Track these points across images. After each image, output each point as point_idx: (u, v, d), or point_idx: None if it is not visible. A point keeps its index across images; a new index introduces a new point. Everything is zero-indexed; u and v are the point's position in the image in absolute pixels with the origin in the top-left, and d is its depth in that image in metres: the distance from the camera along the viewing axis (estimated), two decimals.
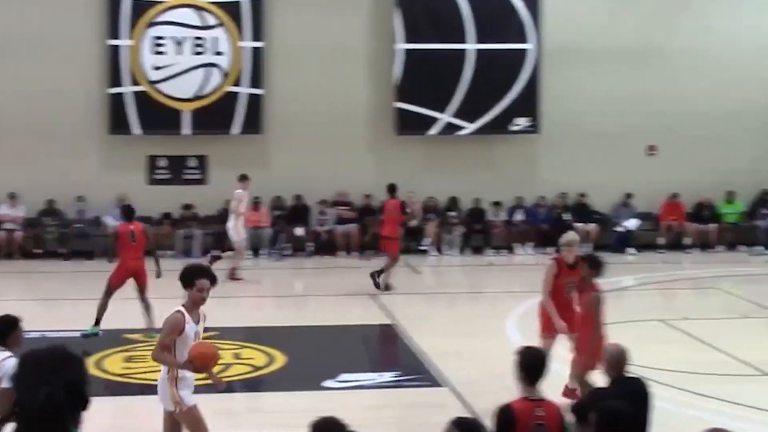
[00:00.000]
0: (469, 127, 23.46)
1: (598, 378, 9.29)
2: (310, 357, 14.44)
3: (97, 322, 14.66)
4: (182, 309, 8.60)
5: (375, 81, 23.55)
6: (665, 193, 23.81)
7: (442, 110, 23.37)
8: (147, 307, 14.56)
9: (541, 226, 23.50)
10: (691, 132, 24.00)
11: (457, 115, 23.39)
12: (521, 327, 15.91)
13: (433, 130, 23.45)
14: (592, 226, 23.45)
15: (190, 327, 8.54)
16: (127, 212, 15.60)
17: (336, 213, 22.94)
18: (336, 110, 23.14)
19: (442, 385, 12.70)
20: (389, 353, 14.92)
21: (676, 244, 23.87)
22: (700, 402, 11.36)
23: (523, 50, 23.42)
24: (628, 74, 23.80)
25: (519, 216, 23.77)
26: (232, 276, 19.43)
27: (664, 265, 22.36)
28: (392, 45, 23.17)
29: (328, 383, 12.72)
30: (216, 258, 19.24)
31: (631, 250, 23.41)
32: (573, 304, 11.36)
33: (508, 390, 6.96)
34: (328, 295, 18.61)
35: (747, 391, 12.10)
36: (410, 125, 23.40)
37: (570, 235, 11.74)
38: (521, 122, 23.56)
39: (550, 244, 22.93)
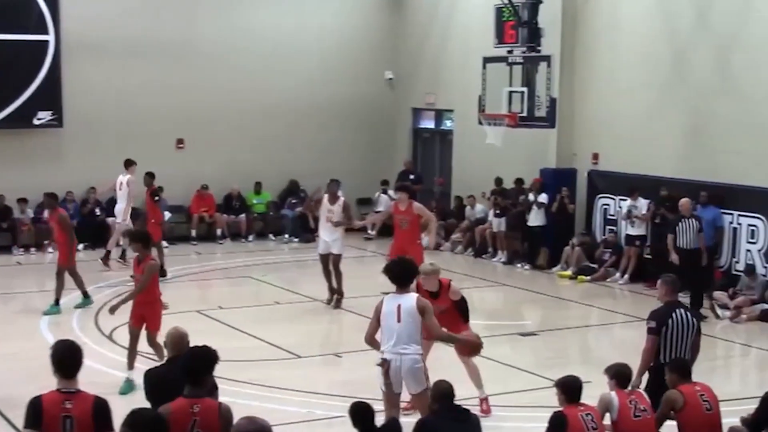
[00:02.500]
0: None
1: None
2: None
3: None
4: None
5: None
6: (196, 186, 24.11)
7: None
8: None
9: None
10: (219, 124, 24.48)
11: None
12: (55, 325, 15.45)
13: None
14: None
15: None
16: None
17: None
18: None
19: None
20: None
21: (208, 236, 24.27)
22: (236, 388, 11.56)
23: (43, 42, 22.64)
24: (156, 67, 23.78)
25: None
26: (106, 259, 20.25)
27: (198, 256, 22.68)
28: None
29: None
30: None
31: (165, 243, 23.41)
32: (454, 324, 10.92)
33: (47, 390, 6.74)
34: None
35: (280, 374, 12.55)
36: None
37: (428, 265, 11.16)
38: (44, 116, 22.82)
39: (81, 240, 22.46)
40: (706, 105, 19.13)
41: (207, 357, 7.02)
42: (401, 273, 9.35)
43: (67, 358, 6.71)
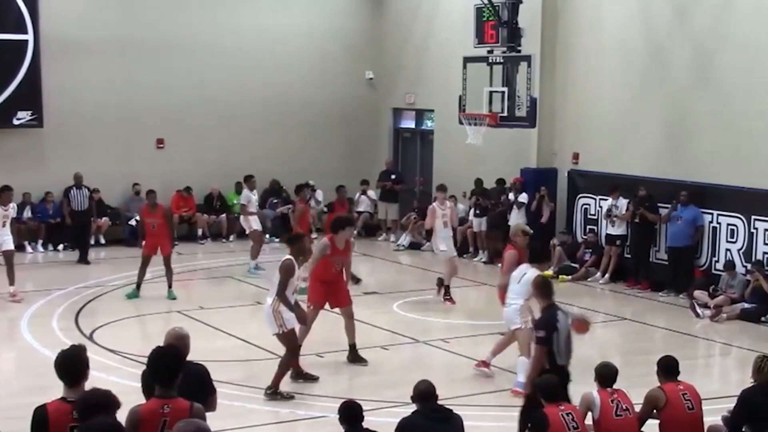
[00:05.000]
0: None
1: None
2: None
3: None
4: None
5: None
6: (176, 186, 24.04)
7: None
8: None
9: (51, 221, 22.83)
10: (200, 124, 24.44)
11: None
12: (35, 328, 15.38)
13: None
14: (104, 220, 23.20)
15: None
16: None
17: None
18: None
19: None
20: None
21: (189, 236, 24.18)
22: (218, 388, 11.51)
23: (22, 42, 22.53)
24: (136, 67, 23.72)
25: (27, 213, 22.88)
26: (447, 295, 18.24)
27: (180, 256, 22.55)
28: None
29: None
30: None
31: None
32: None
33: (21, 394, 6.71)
34: None
35: (262, 374, 12.51)
36: None
37: None
38: (24, 116, 22.72)
39: (62, 240, 22.45)
40: (685, 104, 19.20)
41: (173, 356, 6.98)
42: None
43: (70, 366, 6.64)
